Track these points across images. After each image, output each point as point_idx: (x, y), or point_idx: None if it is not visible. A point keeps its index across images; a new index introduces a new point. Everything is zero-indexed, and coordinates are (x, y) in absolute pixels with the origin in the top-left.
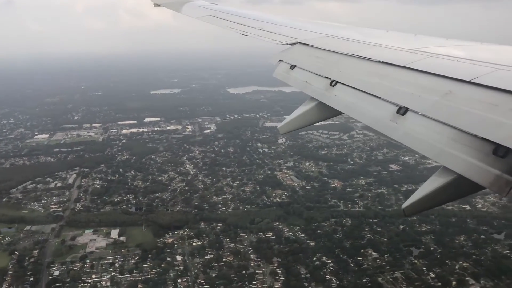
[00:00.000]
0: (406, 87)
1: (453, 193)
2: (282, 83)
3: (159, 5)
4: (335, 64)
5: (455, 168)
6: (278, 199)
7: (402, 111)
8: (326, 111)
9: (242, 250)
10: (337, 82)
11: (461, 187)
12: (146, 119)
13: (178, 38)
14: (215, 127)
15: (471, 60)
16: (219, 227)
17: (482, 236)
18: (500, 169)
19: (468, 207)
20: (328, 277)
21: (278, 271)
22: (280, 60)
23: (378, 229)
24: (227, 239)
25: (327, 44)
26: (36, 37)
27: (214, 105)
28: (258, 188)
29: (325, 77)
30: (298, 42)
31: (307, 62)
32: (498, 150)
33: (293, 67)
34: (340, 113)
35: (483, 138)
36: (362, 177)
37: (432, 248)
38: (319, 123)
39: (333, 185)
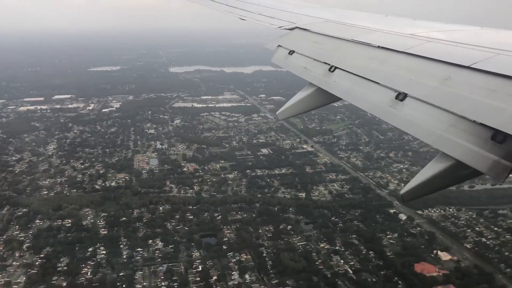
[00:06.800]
0: (405, 72)
1: (451, 178)
2: (225, 64)
3: None
4: (334, 49)
5: (454, 153)
6: (113, 184)
7: (401, 96)
8: (325, 97)
9: (22, 239)
10: (336, 67)
11: (459, 172)
12: (56, 96)
13: (160, 17)
14: (118, 106)
15: (471, 45)
16: (20, 213)
17: (289, 227)
18: (498, 154)
19: (303, 195)
20: (84, 270)
21: (30, 263)
22: (279, 45)
23: (190, 217)
24: (16, 227)
25: (325, 29)
26: (13, 13)
27: (140, 83)
28: (102, 171)
29: (324, 62)
30: (296, 27)
31: (306, 48)
32: (496, 136)
33: (291, 52)
34: (339, 99)
35: (481, 124)
36: (222, 161)
37: (225, 239)
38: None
39: (185, 169)
